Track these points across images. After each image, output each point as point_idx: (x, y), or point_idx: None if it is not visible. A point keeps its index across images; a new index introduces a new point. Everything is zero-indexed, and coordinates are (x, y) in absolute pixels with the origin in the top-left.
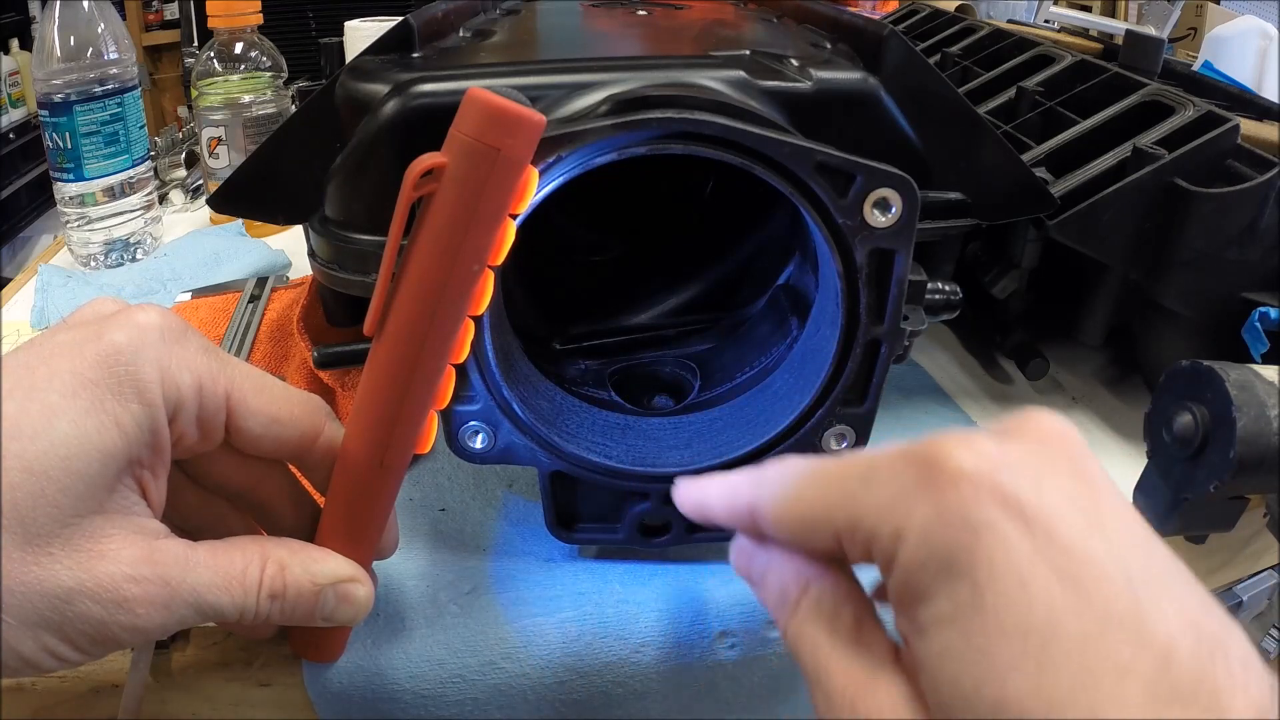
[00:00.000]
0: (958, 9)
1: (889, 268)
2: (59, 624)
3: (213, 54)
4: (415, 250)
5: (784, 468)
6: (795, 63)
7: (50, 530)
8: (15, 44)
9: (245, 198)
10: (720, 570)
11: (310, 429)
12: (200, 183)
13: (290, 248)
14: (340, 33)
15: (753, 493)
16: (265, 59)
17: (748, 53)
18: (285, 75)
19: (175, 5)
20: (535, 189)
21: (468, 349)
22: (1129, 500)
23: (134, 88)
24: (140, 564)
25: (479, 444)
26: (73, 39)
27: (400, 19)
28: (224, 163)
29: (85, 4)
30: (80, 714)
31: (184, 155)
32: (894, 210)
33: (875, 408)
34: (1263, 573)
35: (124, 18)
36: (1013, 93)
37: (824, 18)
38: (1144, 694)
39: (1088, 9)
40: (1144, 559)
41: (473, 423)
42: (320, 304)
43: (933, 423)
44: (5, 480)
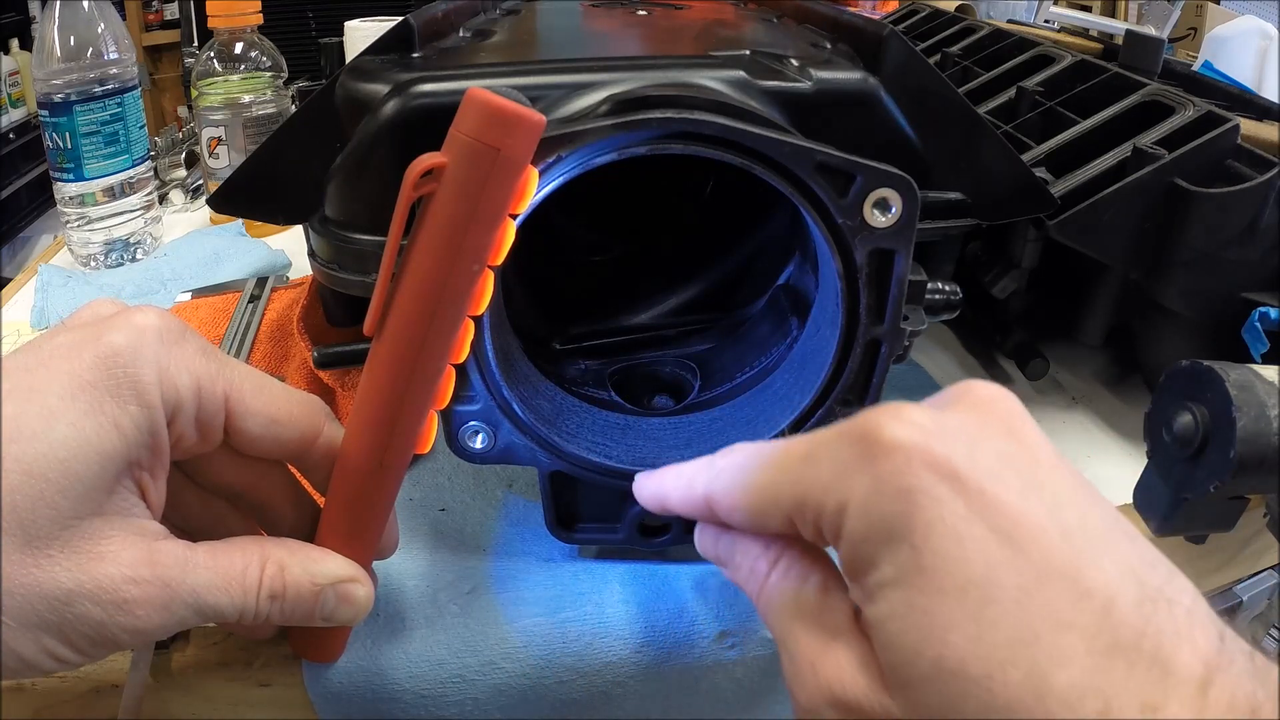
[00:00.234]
0: (958, 9)
1: (889, 268)
2: (58, 625)
3: (213, 54)
4: (415, 250)
5: (734, 456)
6: (795, 63)
7: (49, 532)
8: (15, 44)
9: (245, 198)
10: (720, 571)
11: (310, 429)
12: (200, 183)
13: (290, 248)
14: (340, 33)
15: (707, 483)
16: (265, 59)
17: (748, 53)
18: (285, 75)
19: (175, 5)
20: (535, 189)
21: (468, 349)
22: (1067, 461)
23: (134, 88)
24: (139, 565)
25: (479, 444)
26: (73, 39)
27: (400, 19)
28: (224, 163)
29: (85, 4)
30: (80, 714)
31: (184, 155)
32: (894, 210)
33: None
34: (1263, 573)
35: (124, 18)
36: (1013, 93)
37: (824, 18)
38: (1085, 647)
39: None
40: (1081, 515)
41: (473, 423)
42: (320, 304)
43: None
44: (5, 483)
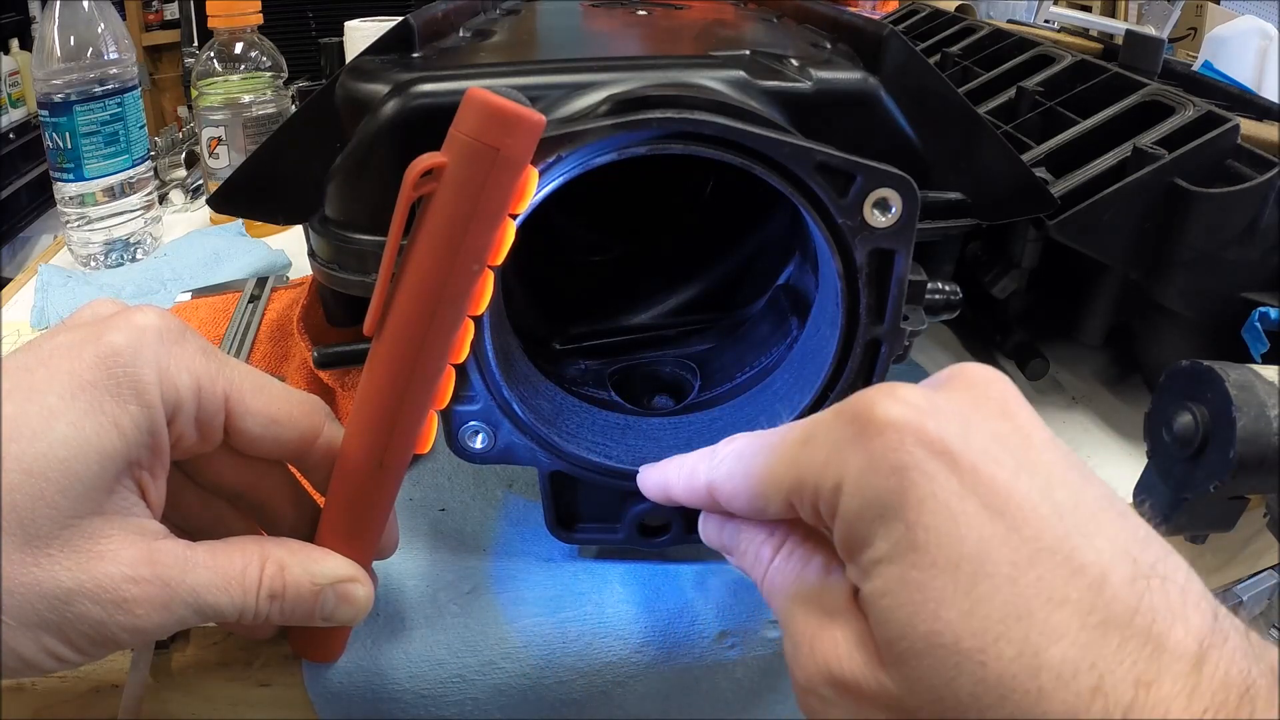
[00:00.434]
0: (958, 9)
1: (889, 268)
2: (58, 625)
3: (213, 54)
4: (415, 250)
5: (734, 445)
6: (795, 63)
7: (49, 532)
8: (15, 44)
9: (245, 198)
10: (720, 570)
11: (309, 429)
12: (200, 183)
13: (290, 248)
14: (340, 33)
15: (708, 472)
16: (265, 59)
17: (748, 53)
18: (285, 75)
19: (175, 5)
20: (535, 189)
21: (468, 349)
22: (1060, 441)
23: (134, 88)
24: (139, 565)
25: (479, 444)
26: (73, 39)
27: (400, 19)
28: (224, 163)
29: (85, 4)
30: (80, 714)
31: (184, 155)
32: (894, 210)
33: None
34: (1263, 573)
35: (124, 18)
36: (1013, 93)
37: (824, 18)
38: (1078, 623)
39: (1088, 9)
40: (1074, 494)
41: (473, 423)
42: (320, 304)
43: None
44: (5, 482)
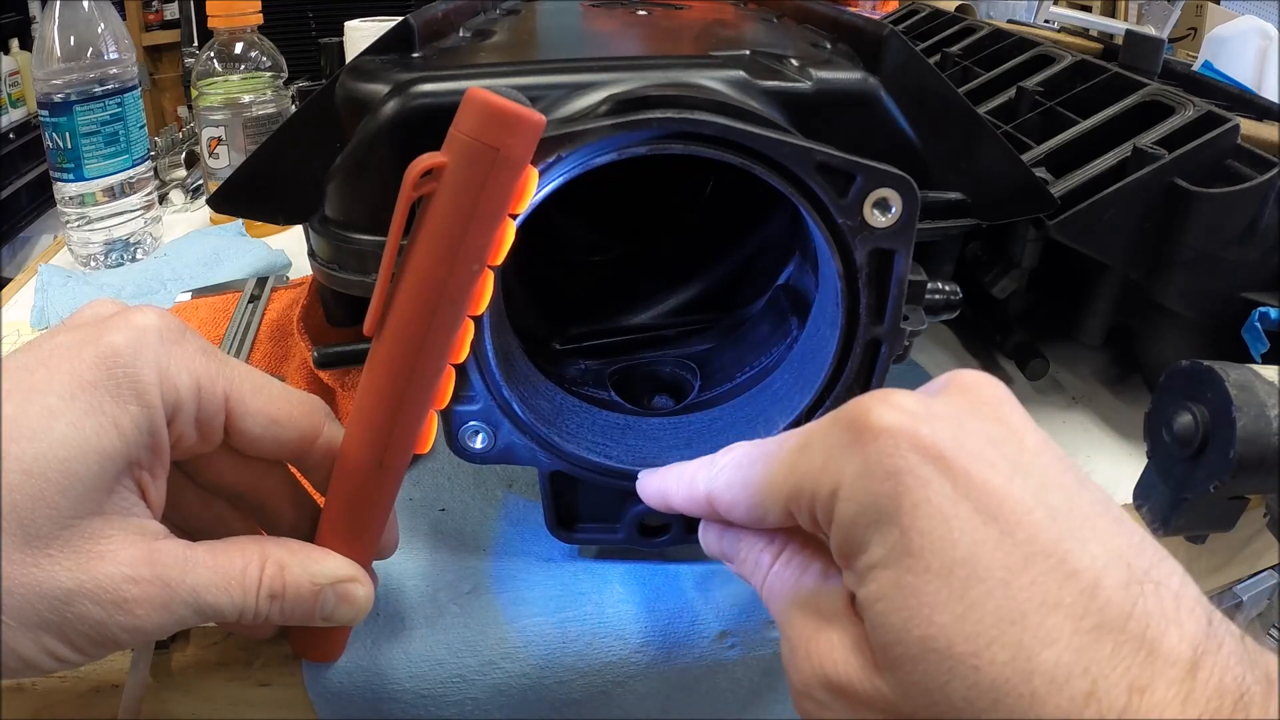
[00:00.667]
0: (958, 9)
1: (889, 268)
2: (58, 625)
3: (213, 54)
4: (415, 250)
5: (733, 454)
6: (795, 63)
7: (49, 532)
8: (15, 44)
9: (245, 198)
10: (720, 570)
11: (309, 429)
12: (200, 183)
13: (290, 248)
14: (340, 33)
15: (708, 481)
16: (265, 59)
17: (748, 53)
18: (285, 75)
19: (175, 5)
20: (535, 189)
21: (468, 349)
22: (1055, 445)
23: (134, 88)
24: (139, 565)
25: (479, 444)
26: (73, 39)
27: (400, 19)
28: (224, 163)
29: (85, 4)
30: (80, 714)
31: (184, 155)
32: (894, 210)
33: None
34: (1263, 573)
35: (124, 18)
36: (1013, 93)
37: (824, 18)
38: (1071, 627)
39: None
40: (1068, 498)
41: (473, 423)
42: (320, 304)
43: None
44: (5, 482)
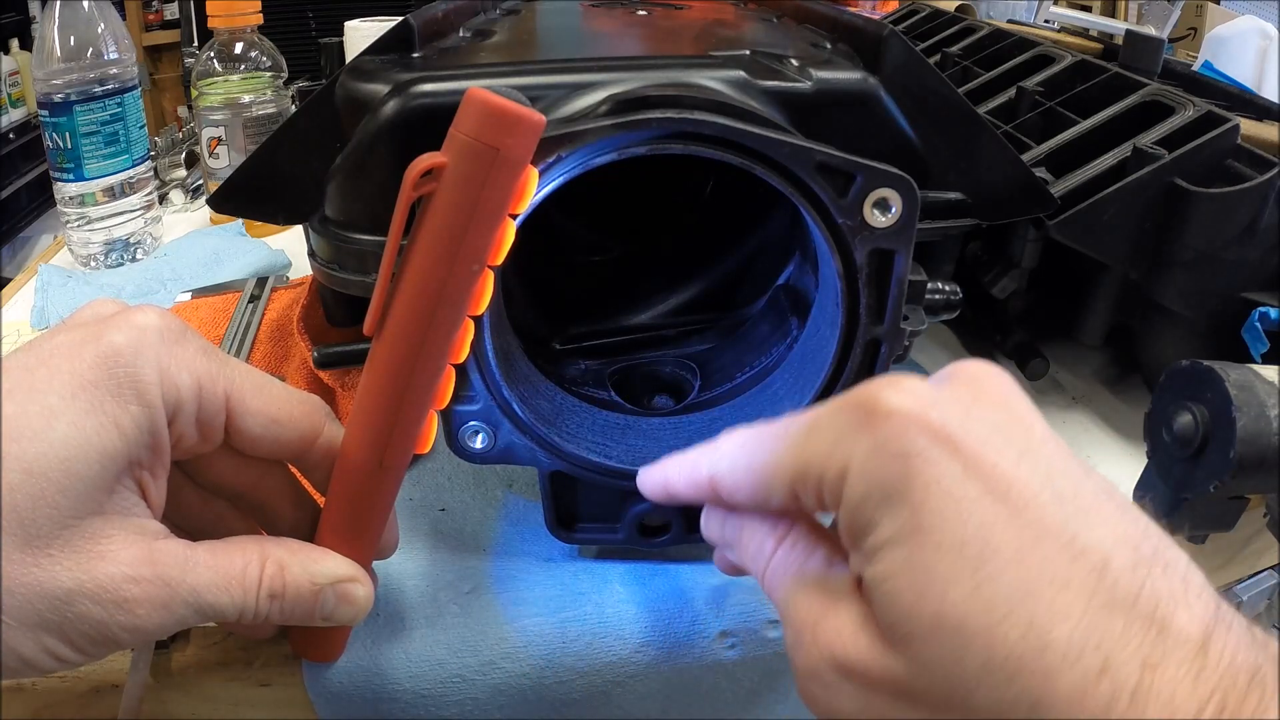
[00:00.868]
0: (958, 9)
1: (889, 268)
2: (59, 625)
3: (213, 54)
4: (415, 250)
5: (736, 437)
6: (795, 63)
7: (50, 532)
8: (15, 44)
9: (245, 198)
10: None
11: (310, 429)
12: (200, 183)
13: (290, 248)
14: (340, 33)
15: (711, 464)
16: (265, 59)
17: (748, 53)
18: (285, 75)
19: (175, 5)
20: (535, 189)
21: (468, 349)
22: (1058, 436)
23: (134, 88)
24: (140, 564)
25: (479, 444)
26: (73, 39)
27: (400, 19)
28: (224, 163)
29: (85, 4)
30: (80, 714)
31: (184, 155)
32: (894, 210)
33: None
34: (1263, 573)
35: (124, 18)
36: (1013, 93)
37: (824, 18)
38: (1082, 604)
39: (1088, 9)
40: (1075, 483)
41: (473, 423)
42: (320, 304)
43: None
44: (5, 482)
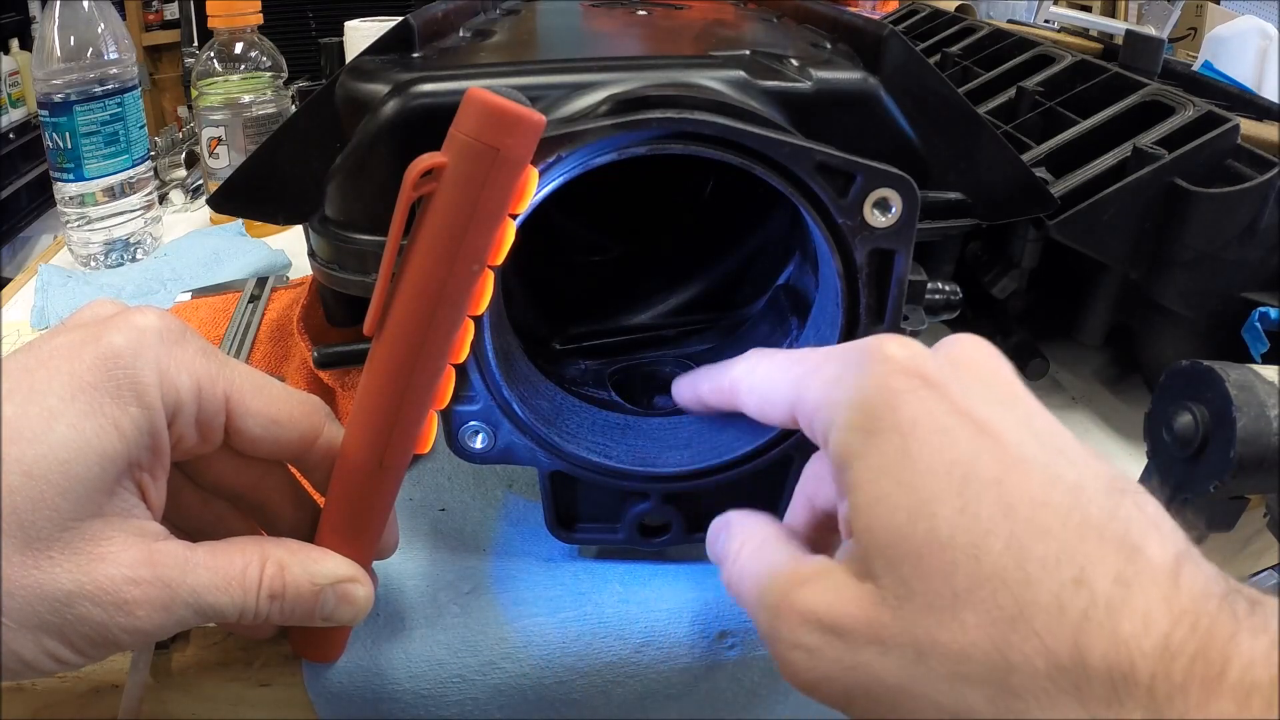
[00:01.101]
0: (958, 9)
1: (889, 268)
2: (59, 626)
3: (213, 54)
4: (415, 250)
5: (764, 354)
6: (795, 63)
7: (50, 534)
8: (15, 44)
9: (245, 198)
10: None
11: (309, 430)
12: (200, 183)
13: (290, 248)
14: (340, 33)
15: (733, 374)
16: (265, 59)
17: (748, 53)
18: (285, 75)
19: (175, 5)
20: (535, 189)
21: (468, 349)
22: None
23: (134, 88)
24: (140, 566)
25: (479, 444)
26: (73, 39)
27: (400, 19)
28: (224, 163)
29: (85, 4)
30: (80, 714)
31: (184, 155)
32: (894, 210)
33: None
34: (1263, 573)
35: (124, 18)
36: (1013, 93)
37: (824, 18)
38: (1060, 523)
39: (1088, 9)
40: (1053, 432)
41: (473, 423)
42: (320, 304)
43: None
44: (5, 484)
